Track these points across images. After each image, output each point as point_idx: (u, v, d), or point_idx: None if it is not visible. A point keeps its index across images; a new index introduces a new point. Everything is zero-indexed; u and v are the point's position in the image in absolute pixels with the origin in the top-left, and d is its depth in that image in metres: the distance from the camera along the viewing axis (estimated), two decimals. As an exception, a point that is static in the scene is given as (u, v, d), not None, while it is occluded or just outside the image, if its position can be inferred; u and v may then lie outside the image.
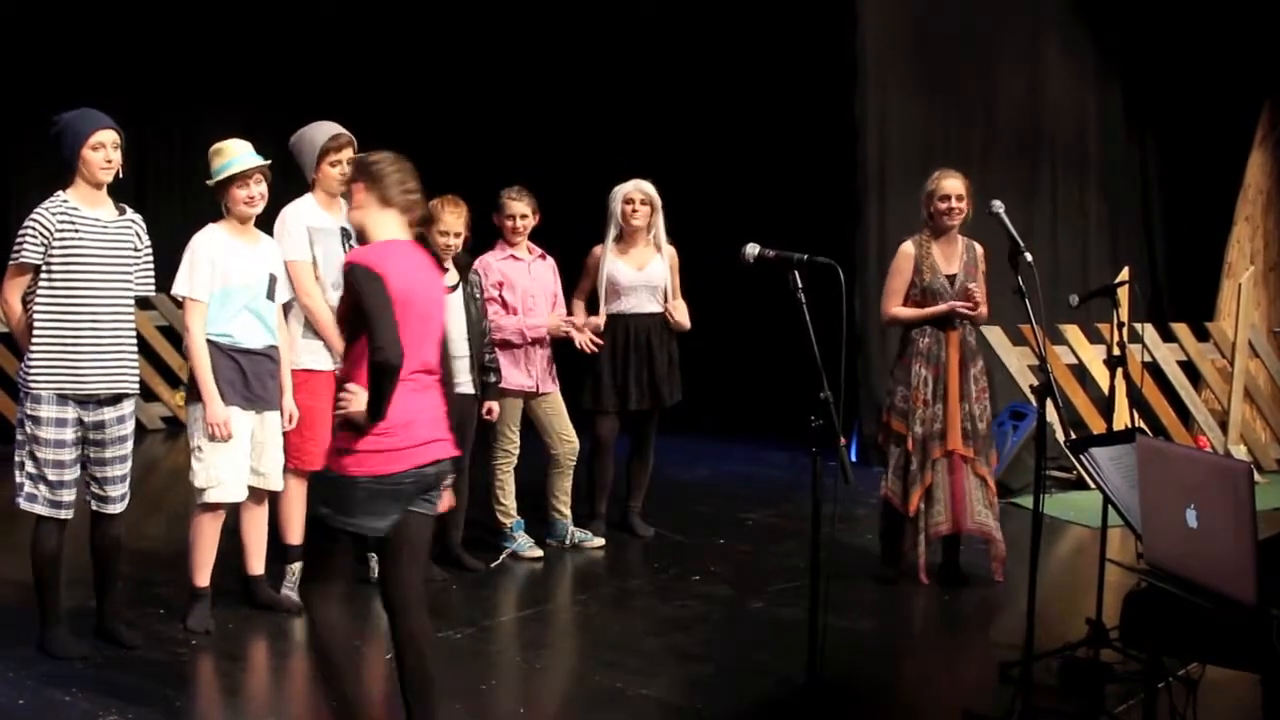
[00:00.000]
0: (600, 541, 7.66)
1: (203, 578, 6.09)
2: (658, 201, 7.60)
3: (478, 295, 7.04)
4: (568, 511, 7.62)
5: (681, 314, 7.69)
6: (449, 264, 6.86)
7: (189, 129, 11.57)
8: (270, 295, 6.10)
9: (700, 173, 11.83)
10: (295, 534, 6.41)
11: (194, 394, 5.96)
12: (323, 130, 6.37)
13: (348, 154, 6.29)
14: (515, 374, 7.32)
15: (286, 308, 6.31)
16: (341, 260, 5.93)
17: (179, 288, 5.89)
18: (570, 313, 7.62)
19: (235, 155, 6.01)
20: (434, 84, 13.03)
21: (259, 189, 6.03)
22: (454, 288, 6.87)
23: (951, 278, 6.86)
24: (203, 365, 5.89)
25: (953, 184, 6.88)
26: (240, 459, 6.03)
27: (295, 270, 6.25)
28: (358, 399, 4.27)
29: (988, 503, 6.92)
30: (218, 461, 5.96)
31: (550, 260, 7.53)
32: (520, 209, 7.32)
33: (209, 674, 5.67)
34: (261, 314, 6.07)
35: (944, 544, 7.05)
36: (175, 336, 5.91)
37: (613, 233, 7.61)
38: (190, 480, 6.01)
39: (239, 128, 6.80)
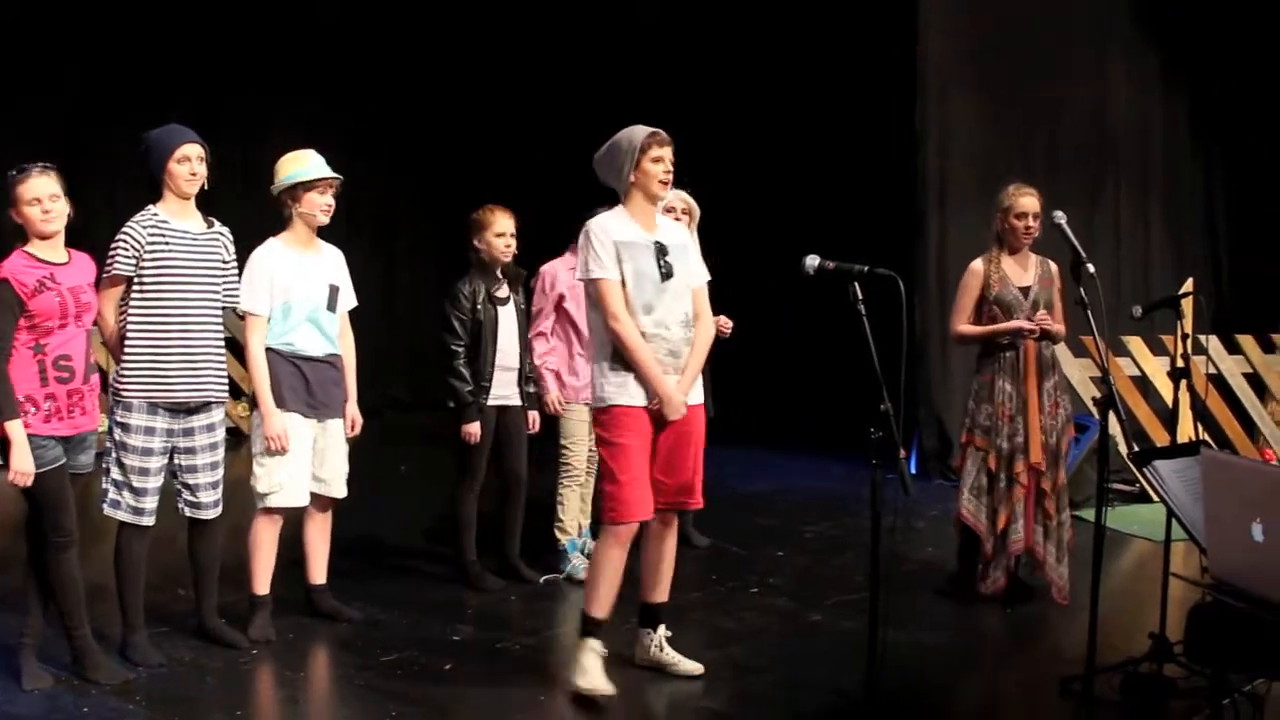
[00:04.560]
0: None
1: (262, 585, 6.16)
2: (696, 210, 7.50)
3: (524, 306, 7.08)
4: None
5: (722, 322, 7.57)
6: (500, 274, 6.91)
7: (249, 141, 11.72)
8: (331, 307, 6.17)
9: (760, 183, 11.84)
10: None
11: (256, 403, 6.04)
12: (640, 129, 5.62)
13: (669, 151, 5.63)
14: (572, 384, 7.33)
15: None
16: (656, 280, 5.50)
17: (241, 302, 5.97)
18: None
19: (313, 163, 6.13)
20: (488, 89, 13.11)
21: (331, 199, 6.12)
22: (507, 299, 6.91)
23: (1025, 289, 6.78)
24: (262, 379, 5.98)
25: (1029, 202, 6.74)
26: (302, 466, 6.11)
27: (602, 290, 5.47)
28: None
29: (1044, 520, 6.82)
30: (280, 468, 6.04)
31: None
32: None
33: (271, 684, 5.71)
34: (321, 324, 6.15)
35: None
36: (237, 348, 6.02)
37: None
38: (252, 486, 6.09)
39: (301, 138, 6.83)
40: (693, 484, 5.69)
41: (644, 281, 5.48)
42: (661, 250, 5.55)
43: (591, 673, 5.46)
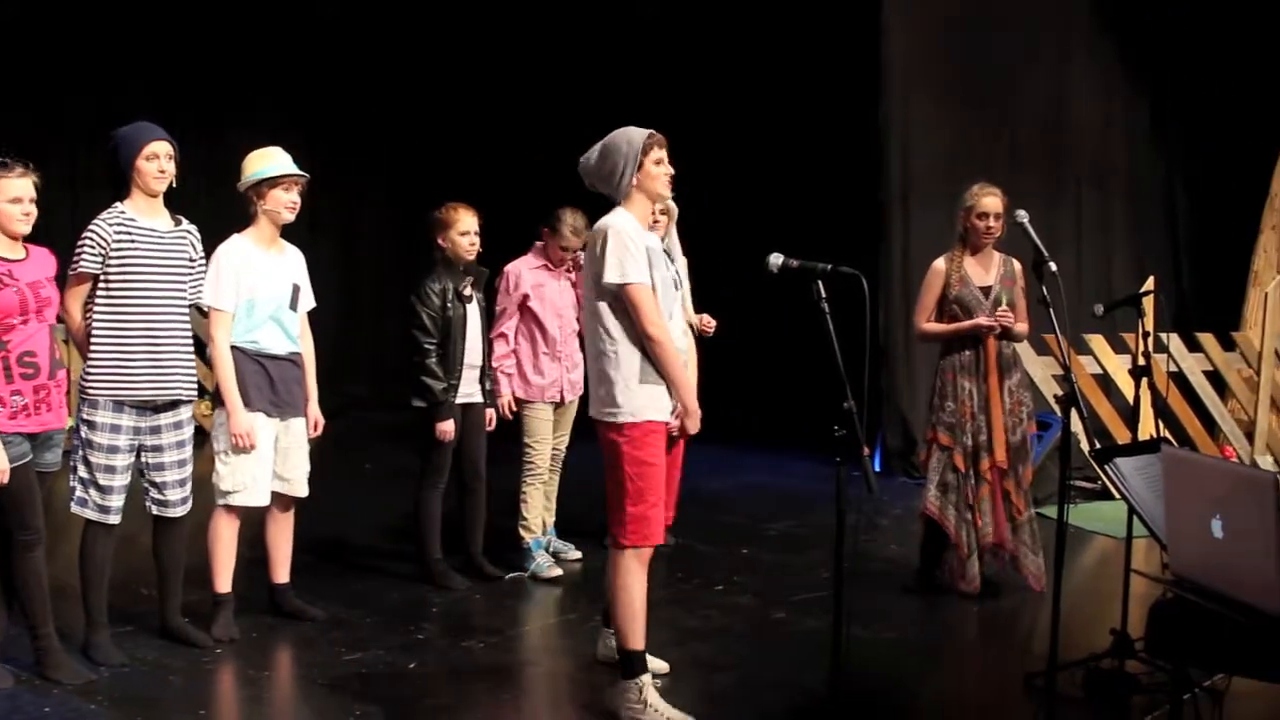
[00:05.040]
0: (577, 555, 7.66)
1: (224, 583, 6.15)
2: (674, 210, 7.53)
3: (483, 303, 7.08)
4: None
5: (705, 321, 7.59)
6: (462, 271, 6.91)
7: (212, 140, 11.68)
8: (293, 305, 6.16)
9: (725, 182, 11.83)
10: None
11: (220, 401, 6.02)
12: (637, 130, 5.34)
13: (666, 152, 5.37)
14: (556, 381, 7.37)
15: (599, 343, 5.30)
16: (672, 288, 5.30)
17: (205, 298, 5.95)
18: None
19: (280, 160, 6.12)
20: (450, 90, 13.10)
21: (297, 197, 6.10)
22: (471, 298, 6.91)
23: (986, 289, 6.83)
24: (227, 375, 5.96)
25: (991, 202, 6.81)
26: (265, 465, 6.09)
27: (640, 296, 5.11)
28: None
29: (1012, 515, 6.88)
30: (243, 466, 6.01)
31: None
32: (578, 242, 7.22)
33: (234, 683, 5.68)
34: (284, 323, 6.14)
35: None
36: (201, 345, 6.02)
37: None
38: (215, 484, 6.07)
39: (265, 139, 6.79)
40: (673, 497, 5.61)
41: (666, 289, 5.26)
42: (668, 257, 5.36)
43: (664, 708, 5.17)
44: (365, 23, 12.88)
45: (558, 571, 7.34)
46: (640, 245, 5.15)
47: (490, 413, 7.18)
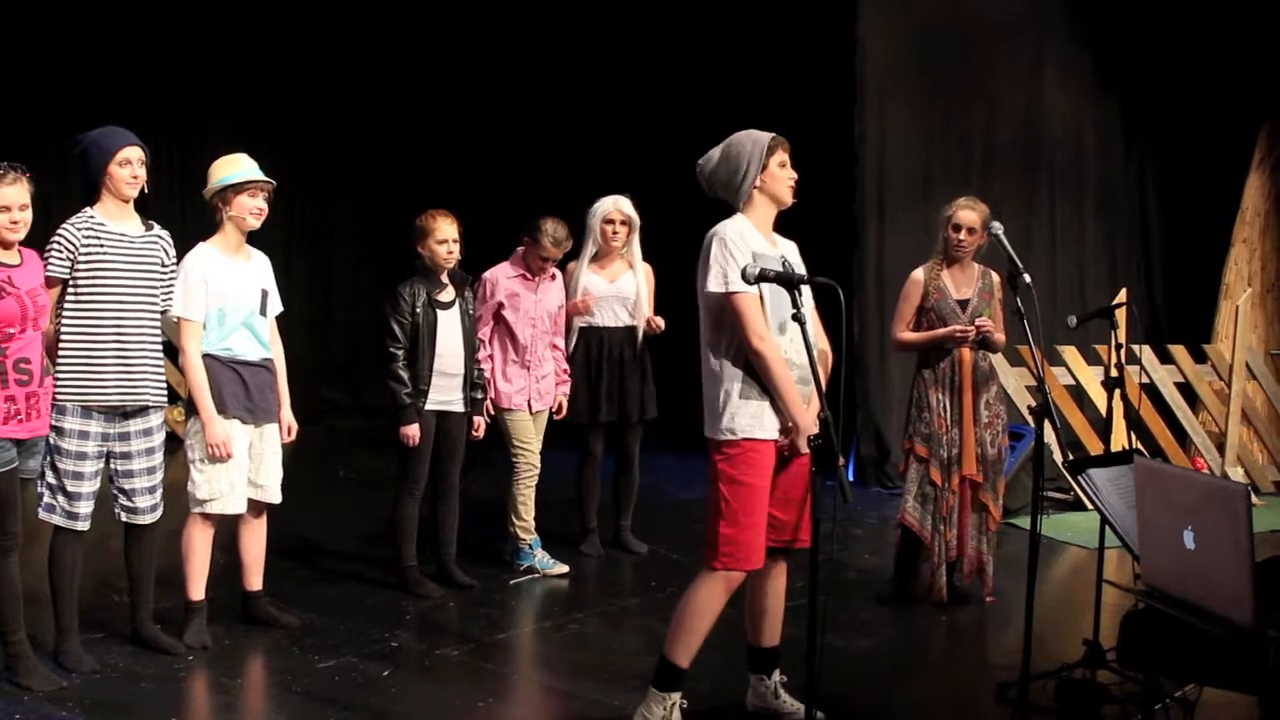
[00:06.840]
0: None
1: (198, 590, 6.12)
2: (636, 221, 7.62)
3: (471, 312, 7.07)
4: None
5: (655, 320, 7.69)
6: (445, 279, 6.91)
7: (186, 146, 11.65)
8: (263, 311, 6.15)
9: (699, 193, 11.83)
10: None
11: (193, 408, 5.99)
12: (760, 132, 5.45)
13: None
14: (524, 389, 7.40)
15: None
16: (784, 297, 4.82)
17: (174, 309, 5.92)
18: (569, 329, 7.71)
19: (246, 166, 6.11)
20: (428, 96, 13.06)
21: (264, 203, 6.09)
22: (450, 304, 6.90)
23: (964, 302, 6.87)
24: (201, 386, 5.93)
25: (966, 215, 6.86)
26: (240, 472, 6.07)
27: (745, 306, 4.95)
28: None
29: (982, 529, 6.92)
30: (219, 474, 5.99)
31: (559, 278, 7.55)
32: (558, 253, 7.35)
33: (206, 690, 5.66)
34: (255, 329, 6.14)
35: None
36: (173, 351, 6.02)
37: (590, 251, 7.67)
38: (190, 492, 6.05)
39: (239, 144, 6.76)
40: (805, 519, 5.15)
41: (778, 298, 4.95)
42: (787, 266, 5.05)
43: None
44: (350, 22, 12.79)
45: (565, 568, 7.44)
46: (746, 251, 4.99)
47: (478, 420, 7.17)
